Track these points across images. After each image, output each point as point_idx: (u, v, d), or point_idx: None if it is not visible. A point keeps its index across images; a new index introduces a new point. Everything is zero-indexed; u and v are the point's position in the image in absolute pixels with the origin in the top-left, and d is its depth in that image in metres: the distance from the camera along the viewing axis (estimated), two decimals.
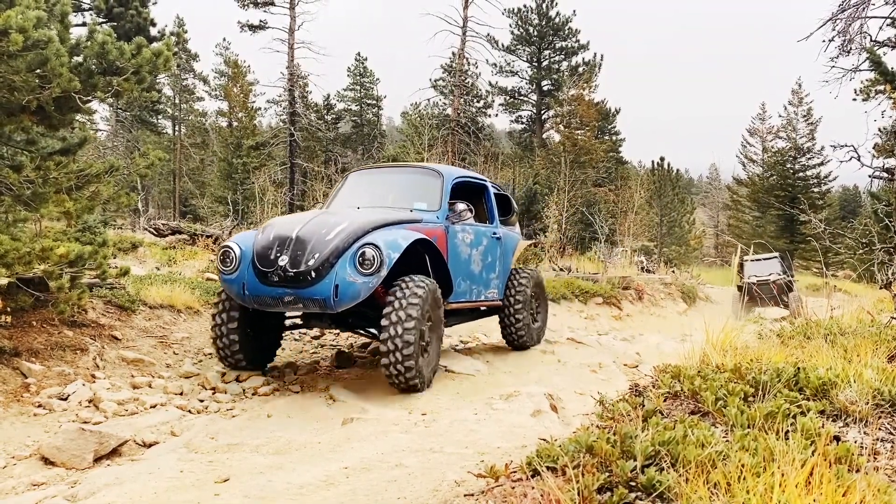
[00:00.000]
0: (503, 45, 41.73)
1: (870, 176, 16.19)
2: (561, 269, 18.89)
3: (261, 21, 30.98)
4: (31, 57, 5.80)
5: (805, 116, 41.50)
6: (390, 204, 7.73)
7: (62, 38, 6.04)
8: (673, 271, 24.70)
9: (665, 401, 3.42)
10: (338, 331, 8.61)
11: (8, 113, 6.45)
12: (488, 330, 10.39)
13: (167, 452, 4.86)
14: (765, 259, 21.16)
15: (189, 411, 6.04)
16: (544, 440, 3.02)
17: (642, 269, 23.11)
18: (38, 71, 5.97)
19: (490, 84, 41.03)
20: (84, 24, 7.93)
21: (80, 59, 6.46)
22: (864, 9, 12.42)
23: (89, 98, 6.61)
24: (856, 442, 2.75)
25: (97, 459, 4.74)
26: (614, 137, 43.00)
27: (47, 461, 4.68)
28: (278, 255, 6.34)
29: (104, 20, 8.67)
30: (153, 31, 9.43)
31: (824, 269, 13.56)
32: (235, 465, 4.23)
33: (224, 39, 43.59)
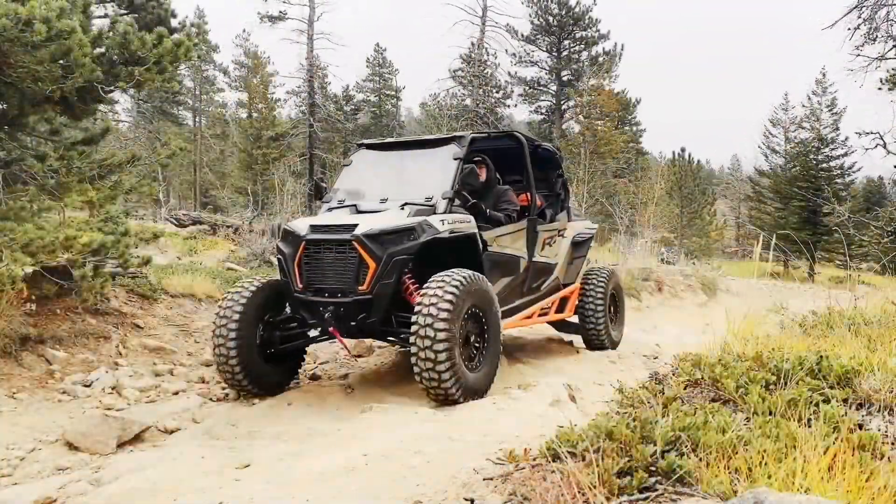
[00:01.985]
0: (522, 35, 41.47)
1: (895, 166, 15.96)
2: None
3: (280, 12, 31.02)
4: (55, 47, 5.86)
5: (829, 106, 40.95)
6: None
7: (84, 28, 6.09)
8: (693, 263, 24.51)
9: (685, 388, 3.40)
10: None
11: (32, 103, 6.53)
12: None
13: (189, 439, 4.92)
14: None
15: (210, 399, 6.10)
16: (563, 427, 3.01)
17: (662, 260, 22.94)
18: (61, 61, 6.03)
19: (509, 74, 40.87)
20: (106, 16, 7.99)
21: (102, 49, 6.52)
22: None
23: (111, 88, 6.67)
24: (879, 430, 2.72)
25: (120, 445, 4.80)
26: (634, 128, 42.71)
27: (72, 446, 4.75)
28: None
29: (125, 11, 8.72)
30: (174, 23, 9.48)
31: (847, 260, 13.35)
32: (256, 451, 4.27)
33: (244, 31, 43.69)
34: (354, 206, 6.43)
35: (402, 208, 6.05)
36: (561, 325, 8.79)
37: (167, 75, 6.90)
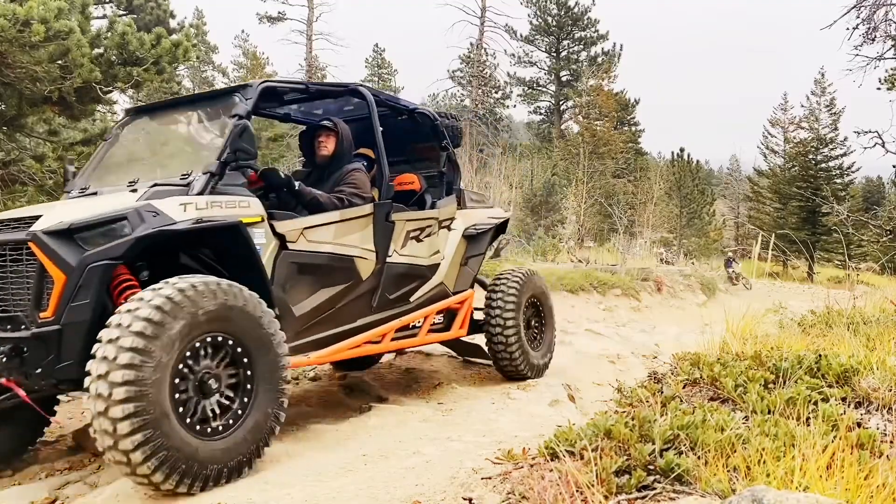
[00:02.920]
0: (521, 36, 41.58)
1: (894, 165, 16.00)
2: (580, 261, 18.84)
3: (279, 13, 31.08)
4: (53, 48, 5.88)
5: (828, 106, 41.04)
6: None
7: (83, 28, 6.10)
8: (692, 263, 24.55)
9: (684, 387, 3.40)
10: None
11: (31, 103, 6.53)
12: None
13: None
14: None
15: None
16: (562, 426, 3.02)
17: (661, 260, 22.96)
18: (59, 62, 6.05)
19: (508, 75, 40.95)
20: (104, 17, 8.00)
21: (100, 50, 6.53)
22: None
23: (110, 88, 6.69)
24: (878, 428, 2.72)
25: None
26: (633, 128, 42.77)
27: (71, 447, 4.75)
28: None
29: (124, 12, 8.74)
30: (173, 23, 9.50)
31: (846, 260, 13.36)
32: None
33: (242, 31, 43.75)
34: (96, 193, 4.56)
35: (136, 191, 4.10)
36: (462, 348, 6.81)
37: (166, 76, 6.92)
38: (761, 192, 41.76)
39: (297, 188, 4.86)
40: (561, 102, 43.18)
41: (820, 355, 3.41)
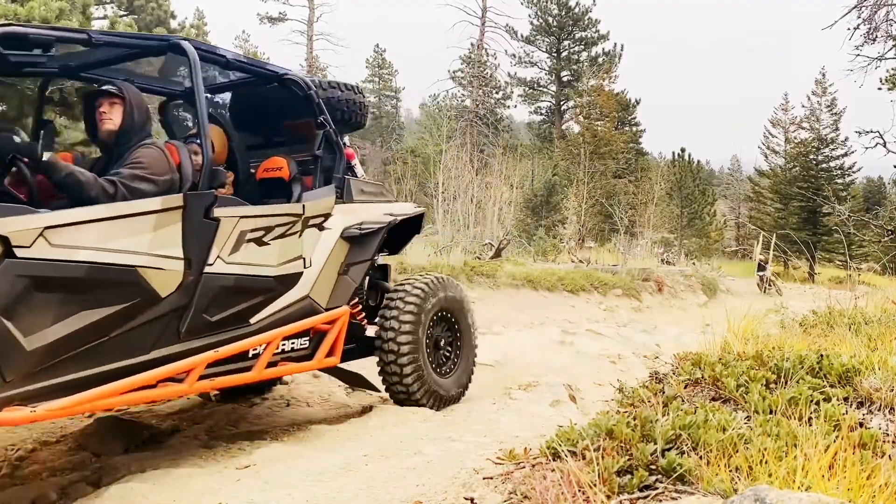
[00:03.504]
0: (522, 36, 41.60)
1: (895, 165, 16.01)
2: (580, 261, 18.84)
3: (280, 13, 31.11)
4: None
5: (829, 107, 41.05)
6: None
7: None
8: (693, 263, 24.55)
9: (685, 387, 3.40)
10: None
11: (32, 104, 6.54)
12: (506, 321, 10.39)
13: (190, 439, 4.91)
14: None
15: (210, 399, 6.10)
16: (563, 426, 3.02)
17: (662, 260, 22.97)
18: None
19: (509, 75, 40.97)
20: (105, 17, 8.00)
21: None
22: None
23: None
24: (880, 428, 2.72)
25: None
26: (634, 129, 42.79)
27: (72, 448, 4.75)
28: None
29: (125, 13, 8.74)
30: (173, 24, 9.48)
31: (847, 260, 13.36)
32: (256, 452, 4.27)
33: (243, 31, 43.76)
34: None
35: None
36: (341, 375, 5.45)
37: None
38: (762, 193, 41.78)
39: (43, 159, 3.45)
40: (562, 103, 43.20)
41: (821, 355, 3.41)
